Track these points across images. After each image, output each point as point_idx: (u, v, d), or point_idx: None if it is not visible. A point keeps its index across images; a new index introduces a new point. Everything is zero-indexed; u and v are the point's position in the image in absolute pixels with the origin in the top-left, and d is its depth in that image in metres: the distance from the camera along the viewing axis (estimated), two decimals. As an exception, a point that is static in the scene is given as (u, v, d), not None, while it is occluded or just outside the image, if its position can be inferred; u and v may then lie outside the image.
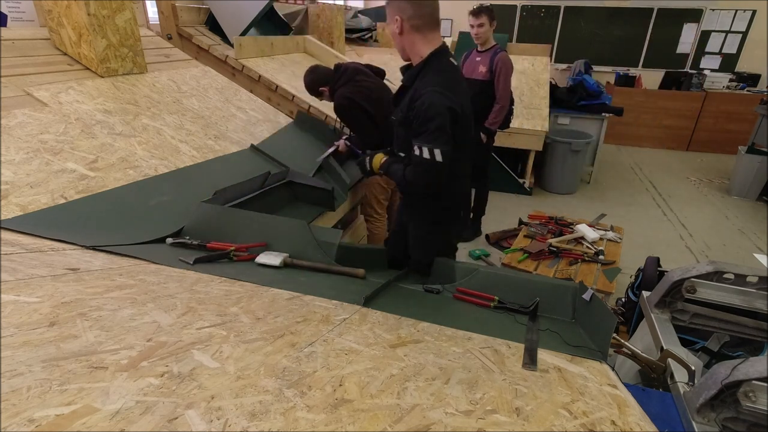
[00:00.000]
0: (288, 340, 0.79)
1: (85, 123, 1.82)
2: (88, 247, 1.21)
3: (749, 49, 8.07)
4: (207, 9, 4.00)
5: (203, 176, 1.90)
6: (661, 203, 4.68)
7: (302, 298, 1.06)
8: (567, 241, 3.05)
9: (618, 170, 5.71)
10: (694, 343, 1.57)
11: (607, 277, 2.62)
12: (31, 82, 1.90)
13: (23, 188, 1.41)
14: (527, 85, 5.08)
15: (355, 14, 6.30)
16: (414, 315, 1.06)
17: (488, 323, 1.15)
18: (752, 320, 1.30)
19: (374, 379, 0.69)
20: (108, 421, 0.50)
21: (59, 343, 0.65)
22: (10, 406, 0.49)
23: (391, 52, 5.84)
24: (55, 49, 2.21)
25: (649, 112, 6.73)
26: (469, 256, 3.40)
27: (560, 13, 8.78)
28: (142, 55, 2.40)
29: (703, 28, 8.20)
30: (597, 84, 5.38)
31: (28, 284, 0.85)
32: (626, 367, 1.39)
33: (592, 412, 0.70)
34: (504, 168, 4.59)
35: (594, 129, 4.91)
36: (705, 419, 0.93)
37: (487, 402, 0.68)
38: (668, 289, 1.38)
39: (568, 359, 0.91)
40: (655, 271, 2.18)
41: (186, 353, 0.68)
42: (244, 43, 3.59)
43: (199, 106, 2.45)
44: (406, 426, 0.58)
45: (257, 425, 0.53)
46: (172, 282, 1.03)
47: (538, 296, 1.33)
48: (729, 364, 0.92)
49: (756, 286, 1.31)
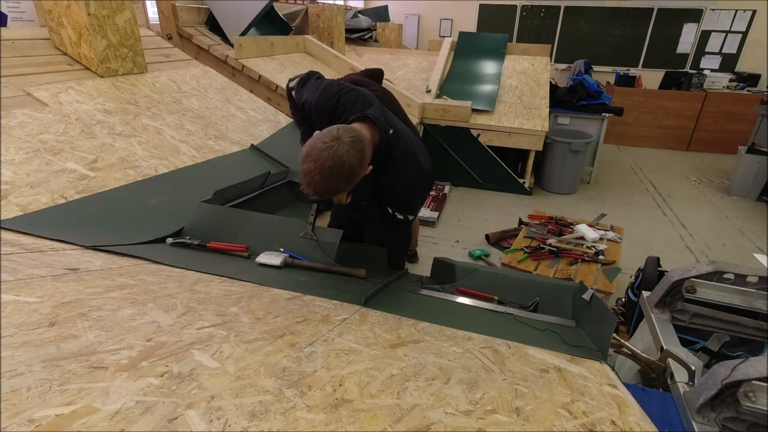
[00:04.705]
0: (288, 340, 0.79)
1: (85, 123, 1.82)
2: (88, 247, 1.21)
3: (749, 49, 8.08)
4: (207, 9, 4.00)
5: (203, 176, 1.90)
6: (661, 203, 4.68)
7: (302, 298, 1.06)
8: (567, 241, 3.05)
9: (618, 170, 5.71)
10: (694, 343, 1.56)
11: (607, 277, 2.62)
12: (31, 82, 1.90)
13: (23, 188, 1.41)
14: (527, 85, 5.08)
15: (355, 14, 6.30)
16: (414, 315, 1.07)
17: (488, 323, 1.15)
18: (752, 320, 1.30)
19: (374, 379, 0.69)
20: (108, 421, 0.50)
21: (59, 343, 0.65)
22: (10, 406, 0.49)
23: (391, 52, 5.84)
24: (55, 49, 2.21)
25: (649, 112, 6.73)
26: (469, 256, 3.40)
27: (560, 13, 8.78)
28: (142, 55, 2.40)
29: (703, 28, 8.20)
30: (597, 84, 5.38)
31: (28, 284, 0.85)
32: (626, 367, 1.39)
33: (592, 412, 0.70)
34: (504, 168, 4.59)
35: (594, 129, 4.91)
36: (705, 419, 0.93)
37: (487, 402, 0.68)
38: (668, 289, 1.38)
39: (568, 359, 0.91)
40: (655, 271, 2.18)
41: (186, 353, 0.68)
42: (244, 43, 3.59)
43: (199, 106, 2.44)
44: (406, 426, 0.58)
45: (257, 425, 0.53)
46: (172, 282, 1.03)
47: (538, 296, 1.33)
48: (729, 364, 0.92)
49: (756, 286, 1.31)
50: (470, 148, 4.55)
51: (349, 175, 1.23)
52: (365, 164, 1.28)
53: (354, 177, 1.25)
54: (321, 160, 1.18)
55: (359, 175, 1.27)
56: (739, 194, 4.90)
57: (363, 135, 1.29)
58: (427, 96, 4.60)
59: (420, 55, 5.83)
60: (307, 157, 1.20)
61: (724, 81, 6.89)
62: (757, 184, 4.78)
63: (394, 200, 1.59)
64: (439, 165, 4.69)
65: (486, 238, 3.63)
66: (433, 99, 4.54)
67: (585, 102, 4.96)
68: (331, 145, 1.19)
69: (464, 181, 4.74)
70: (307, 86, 1.63)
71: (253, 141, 2.39)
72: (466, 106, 4.42)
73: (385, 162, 1.45)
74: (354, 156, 1.22)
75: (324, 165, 1.17)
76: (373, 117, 1.39)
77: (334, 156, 1.18)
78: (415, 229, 3.25)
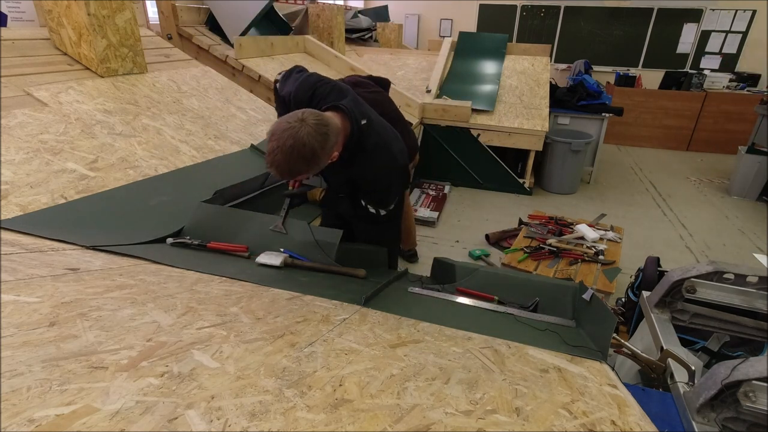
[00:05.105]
0: (288, 340, 0.79)
1: (85, 123, 1.82)
2: (88, 247, 1.21)
3: (749, 49, 8.08)
4: (207, 9, 4.00)
5: (203, 176, 1.90)
6: (661, 203, 4.68)
7: (302, 298, 1.06)
8: (567, 241, 3.05)
9: (618, 170, 5.71)
10: (694, 343, 1.56)
11: (607, 277, 2.62)
12: (31, 82, 1.90)
13: (23, 188, 1.41)
14: (527, 85, 5.08)
15: (355, 14, 6.30)
16: (414, 315, 1.06)
17: (488, 323, 1.15)
18: (752, 320, 1.30)
19: (374, 379, 0.69)
20: (108, 421, 0.50)
21: (59, 343, 0.65)
22: (10, 406, 0.49)
23: (391, 52, 5.84)
24: (55, 49, 2.21)
25: (649, 112, 6.73)
26: (469, 256, 3.40)
27: (560, 13, 8.78)
28: (142, 55, 2.40)
29: (703, 28, 8.21)
30: (597, 84, 5.38)
31: (28, 284, 0.85)
32: (626, 367, 1.39)
33: (592, 412, 0.70)
34: (504, 168, 4.59)
35: (594, 129, 4.91)
36: (705, 419, 0.93)
37: (487, 402, 0.68)
38: (668, 289, 1.38)
39: (568, 359, 0.91)
40: (655, 271, 2.18)
41: (186, 353, 0.68)
42: (244, 43, 3.59)
43: (199, 106, 2.45)
44: (406, 426, 0.58)
45: (257, 425, 0.53)
46: (172, 282, 1.03)
47: (538, 296, 1.33)
48: (729, 364, 0.92)
49: (756, 286, 1.31)
50: (470, 148, 4.55)
51: (310, 156, 1.24)
52: (328, 149, 1.30)
53: (315, 159, 1.26)
54: (283, 140, 1.21)
55: (320, 158, 1.28)
56: (739, 194, 4.90)
57: (331, 121, 1.31)
58: (427, 96, 4.60)
59: (420, 55, 5.84)
60: (272, 136, 1.23)
61: (724, 81, 6.89)
62: (757, 184, 4.79)
63: (365, 192, 1.60)
64: (439, 165, 4.69)
65: (486, 238, 3.63)
66: (433, 99, 4.54)
67: (585, 102, 4.97)
68: (295, 125, 1.22)
69: (464, 181, 4.74)
70: (289, 79, 1.66)
71: (253, 141, 2.39)
72: (466, 106, 4.42)
73: (358, 152, 1.47)
74: (316, 138, 1.23)
75: (285, 144, 1.20)
76: (344, 107, 1.41)
77: (295, 136, 1.21)
78: (411, 227, 3.24)
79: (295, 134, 1.21)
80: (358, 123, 1.43)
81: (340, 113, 1.41)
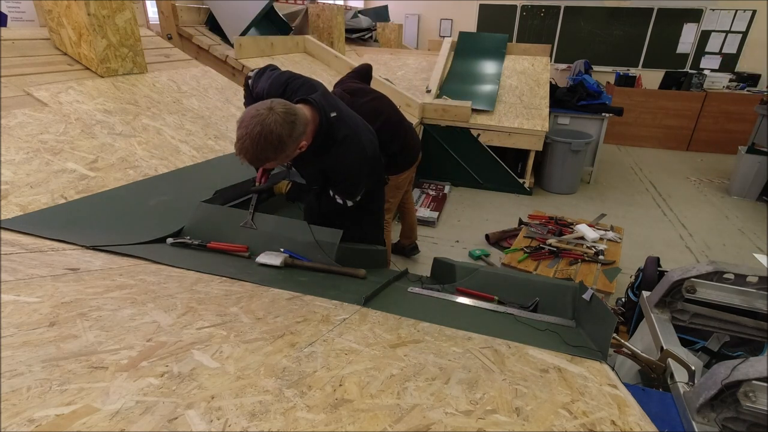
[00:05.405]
0: (288, 340, 0.79)
1: (85, 123, 1.82)
2: (88, 247, 1.21)
3: (749, 49, 8.08)
4: (207, 9, 4.00)
5: (203, 176, 1.90)
6: (661, 203, 4.68)
7: (302, 298, 1.06)
8: (567, 241, 3.05)
9: (618, 170, 5.71)
10: (694, 343, 1.56)
11: (607, 277, 2.62)
12: (31, 82, 1.90)
13: (23, 188, 1.41)
14: (527, 85, 5.08)
15: (355, 14, 6.30)
16: (414, 315, 1.06)
17: (488, 323, 1.15)
18: (752, 320, 1.30)
19: (374, 379, 0.69)
20: (108, 421, 0.50)
21: (59, 343, 0.65)
22: (10, 406, 0.49)
23: (391, 52, 5.84)
24: (55, 49, 2.21)
25: (649, 112, 6.73)
26: (469, 256, 3.40)
27: (560, 13, 8.78)
28: (142, 55, 2.40)
29: (703, 28, 8.20)
30: (597, 84, 5.38)
31: (28, 284, 0.85)
32: (626, 367, 1.39)
33: (592, 412, 0.70)
34: (504, 168, 4.59)
35: (594, 129, 4.91)
36: (705, 419, 0.93)
37: (487, 402, 0.68)
38: (668, 289, 1.38)
39: (568, 359, 0.91)
40: (655, 271, 2.18)
41: (186, 353, 0.68)
42: (244, 43, 3.59)
43: (199, 106, 2.45)
44: (406, 426, 0.58)
45: (257, 425, 0.53)
46: (172, 282, 1.03)
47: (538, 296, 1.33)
48: (729, 364, 0.92)
49: (756, 286, 1.31)
50: (470, 148, 4.55)
51: (277, 144, 1.28)
52: (295, 137, 1.33)
53: (282, 147, 1.30)
54: (251, 127, 1.24)
55: (288, 145, 1.32)
56: (739, 194, 4.90)
57: (299, 111, 1.35)
58: (427, 96, 4.60)
59: (420, 55, 5.84)
60: (241, 124, 1.27)
61: (724, 81, 6.89)
62: (757, 184, 4.79)
63: (334, 182, 1.63)
64: (439, 165, 4.69)
65: (486, 238, 3.63)
66: (433, 99, 4.54)
67: (585, 102, 4.97)
68: (263, 113, 1.26)
69: (464, 181, 4.74)
70: (263, 77, 1.69)
71: (253, 141, 2.38)
72: (466, 106, 4.42)
73: (328, 144, 1.51)
74: (283, 126, 1.27)
75: (253, 131, 1.24)
76: (313, 100, 1.46)
77: (262, 123, 1.24)
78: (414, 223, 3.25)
79: (263, 121, 1.24)
80: (327, 115, 1.48)
81: (309, 105, 1.46)
